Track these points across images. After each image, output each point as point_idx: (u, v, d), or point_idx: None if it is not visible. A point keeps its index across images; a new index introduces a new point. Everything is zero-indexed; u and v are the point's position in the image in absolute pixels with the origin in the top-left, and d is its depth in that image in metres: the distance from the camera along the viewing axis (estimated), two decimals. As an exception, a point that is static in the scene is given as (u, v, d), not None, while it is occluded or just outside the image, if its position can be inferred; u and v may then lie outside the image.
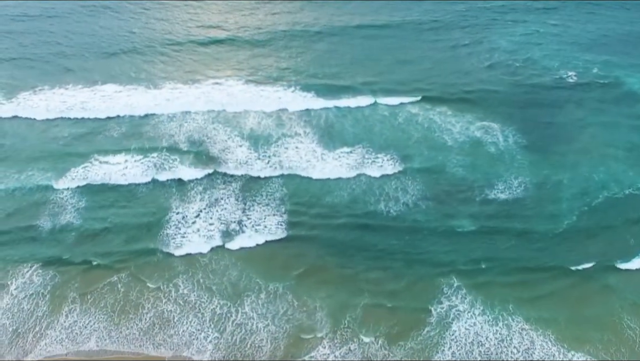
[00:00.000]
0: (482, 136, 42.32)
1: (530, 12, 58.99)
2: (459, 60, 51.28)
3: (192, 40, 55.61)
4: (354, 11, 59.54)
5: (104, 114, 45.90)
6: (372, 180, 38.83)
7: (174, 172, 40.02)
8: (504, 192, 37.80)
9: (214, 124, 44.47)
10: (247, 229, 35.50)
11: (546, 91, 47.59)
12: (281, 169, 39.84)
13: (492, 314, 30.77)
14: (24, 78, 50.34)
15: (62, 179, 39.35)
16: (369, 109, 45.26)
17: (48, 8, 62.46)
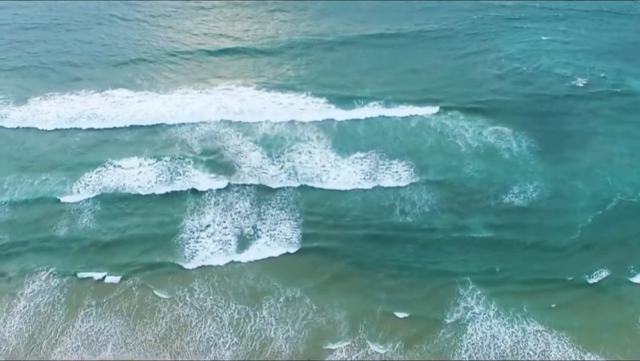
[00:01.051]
0: (496, 142, 43.08)
1: (539, 20, 60.03)
2: (470, 68, 52.13)
3: (202, 49, 56.36)
4: (365, 20, 60.41)
5: (115, 121, 46.44)
6: (385, 184, 39.50)
7: (188, 178, 40.56)
8: (518, 197, 38.41)
9: (226, 129, 45.18)
10: (263, 240, 35.86)
11: (557, 98, 48.40)
12: (295, 176, 40.38)
13: (507, 317, 31.29)
14: (34, 85, 51.06)
15: (76, 187, 39.82)
16: (381, 116, 45.91)
17: (57, 17, 63.33)
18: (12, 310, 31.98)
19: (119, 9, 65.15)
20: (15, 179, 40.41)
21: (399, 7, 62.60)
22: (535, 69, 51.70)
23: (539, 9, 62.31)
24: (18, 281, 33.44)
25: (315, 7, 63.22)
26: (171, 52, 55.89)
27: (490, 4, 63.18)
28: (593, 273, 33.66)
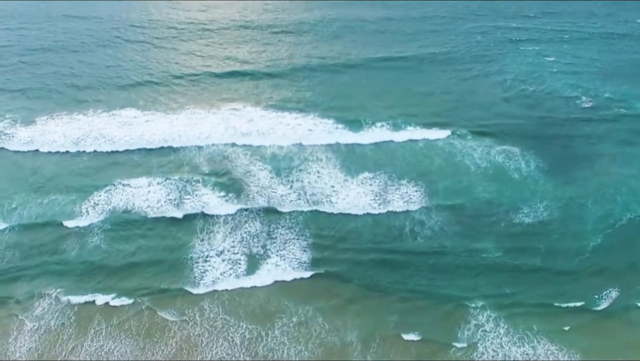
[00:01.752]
0: (504, 162, 43.85)
1: (544, 42, 61.03)
2: (477, 89, 53.36)
3: (208, 71, 57.26)
4: (371, 43, 61.71)
5: (122, 141, 47.04)
6: (396, 205, 39.97)
7: (197, 198, 41.07)
8: (528, 217, 39.01)
9: (234, 149, 45.88)
10: (273, 262, 36.13)
11: (563, 119, 49.43)
12: (305, 196, 40.94)
13: (517, 336, 31.71)
14: (41, 106, 51.93)
15: (85, 208, 40.21)
16: (389, 137, 46.67)
17: (62, 39, 64.39)
18: (23, 328, 32.19)
19: (124, 32, 66.41)
20: (23, 201, 40.82)
21: (405, 30, 64.04)
22: (541, 90, 52.84)
23: (543, 31, 63.46)
24: (28, 302, 33.68)
25: (321, 30, 64.59)
26: (177, 74, 56.85)
27: (495, 26, 64.61)
28: (603, 293, 34.05)
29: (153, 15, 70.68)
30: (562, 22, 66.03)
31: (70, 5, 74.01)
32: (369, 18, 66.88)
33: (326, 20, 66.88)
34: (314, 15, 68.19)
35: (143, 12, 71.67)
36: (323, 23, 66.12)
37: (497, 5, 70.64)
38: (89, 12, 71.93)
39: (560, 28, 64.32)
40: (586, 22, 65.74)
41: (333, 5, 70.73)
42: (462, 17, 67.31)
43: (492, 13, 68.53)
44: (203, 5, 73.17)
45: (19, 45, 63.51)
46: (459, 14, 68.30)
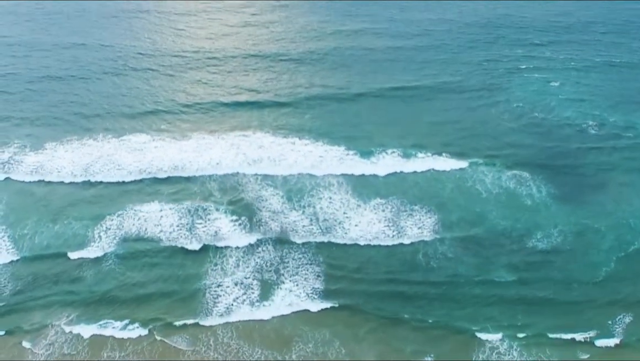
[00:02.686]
0: (516, 188, 44.96)
1: (551, 69, 63.10)
2: (485, 116, 54.74)
3: (217, 100, 58.36)
4: (380, 73, 63.10)
5: (132, 167, 47.80)
6: (409, 232, 40.75)
7: (209, 223, 41.92)
8: (542, 242, 40.06)
9: (245, 175, 46.89)
10: (286, 290, 36.72)
11: (571, 145, 50.78)
12: (317, 223, 41.80)
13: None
14: (50, 133, 52.99)
15: (97, 235, 41.03)
16: (400, 164, 47.71)
17: (69, 67, 65.67)
18: (36, 354, 32.65)
19: (131, 60, 67.82)
20: (33, 230, 41.65)
21: (414, 59, 65.76)
22: (549, 118, 54.29)
23: (550, 59, 65.33)
24: (38, 332, 34.22)
25: (331, 59, 66.26)
26: (185, 103, 58.01)
27: (503, 55, 66.54)
28: (617, 320, 34.81)
29: (160, 44, 72.28)
30: (569, 50, 68.06)
31: (77, 34, 75.49)
32: (378, 47, 68.73)
33: (335, 49, 68.58)
34: (323, 44, 69.95)
35: (149, 41, 73.22)
36: (332, 52, 67.78)
37: (504, 33, 72.62)
38: (95, 40, 73.49)
39: (568, 56, 66.26)
40: (593, 51, 67.68)
41: (342, 35, 72.69)
42: (470, 46, 69.23)
43: (499, 41, 70.60)
44: (210, 33, 74.89)
45: (27, 73, 64.84)
46: (467, 43, 70.24)
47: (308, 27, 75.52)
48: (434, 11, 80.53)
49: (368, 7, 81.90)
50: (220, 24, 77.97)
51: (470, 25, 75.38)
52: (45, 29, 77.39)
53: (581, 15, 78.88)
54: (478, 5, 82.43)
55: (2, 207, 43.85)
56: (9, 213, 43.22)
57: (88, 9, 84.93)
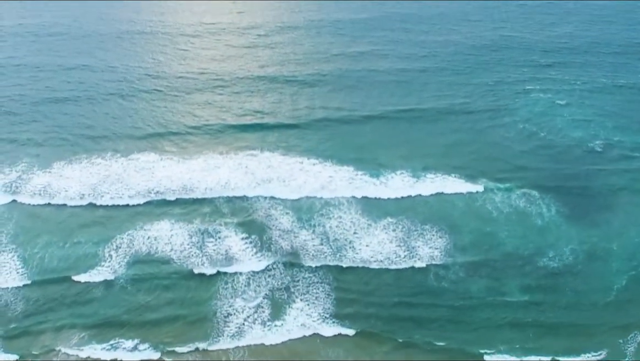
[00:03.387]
0: (526, 207, 45.93)
1: (557, 90, 64.45)
2: (494, 138, 55.86)
3: (225, 123, 59.26)
4: (391, 95, 64.21)
5: (140, 187, 48.73)
6: (421, 252, 41.56)
7: (219, 242, 42.77)
8: (553, 261, 40.94)
9: (254, 194, 47.74)
10: (298, 314, 37.25)
11: (578, 163, 52.02)
12: (328, 242, 42.63)
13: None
14: (57, 155, 53.67)
15: (105, 259, 41.63)
16: (409, 184, 48.66)
17: (75, 88, 66.74)
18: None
19: (137, 82, 68.93)
20: (44, 251, 42.32)
21: (421, 81, 67.09)
22: (555, 138, 55.50)
23: (557, 81, 66.79)
24: (52, 354, 34.77)
25: (337, 81, 67.56)
26: (192, 125, 58.99)
27: (510, 76, 68.08)
28: (628, 337, 35.47)
29: (165, 65, 73.64)
30: (574, 71, 69.69)
31: (81, 55, 76.92)
32: (385, 69, 70.19)
33: (342, 71, 70.02)
34: (329, 66, 71.41)
35: (154, 62, 74.60)
36: (339, 74, 69.16)
37: (509, 55, 74.24)
38: (100, 61, 74.88)
39: (573, 77, 67.79)
40: (598, 72, 69.26)
41: (349, 56, 74.22)
42: (476, 67, 70.76)
43: (505, 63, 72.19)
44: (216, 55, 76.31)
45: (33, 94, 65.95)
46: (473, 64, 71.82)
47: (314, 48, 77.13)
48: (439, 33, 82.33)
49: (374, 30, 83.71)
50: (226, 45, 79.56)
51: (476, 47, 77.07)
52: (50, 50, 78.89)
53: (585, 37, 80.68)
54: (482, 28, 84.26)
55: (10, 229, 44.61)
56: (17, 235, 43.95)
57: (92, 30, 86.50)
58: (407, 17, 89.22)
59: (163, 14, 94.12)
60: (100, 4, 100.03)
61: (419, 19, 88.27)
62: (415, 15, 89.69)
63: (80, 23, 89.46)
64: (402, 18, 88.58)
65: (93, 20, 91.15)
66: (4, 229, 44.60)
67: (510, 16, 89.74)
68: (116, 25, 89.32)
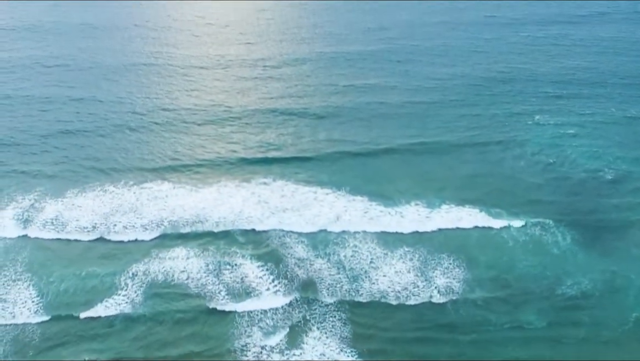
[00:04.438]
0: (541, 235, 47.40)
1: (569, 123, 66.12)
2: (507, 169, 57.27)
3: (237, 155, 60.48)
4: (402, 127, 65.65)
5: (152, 216, 50.16)
6: (438, 282, 42.79)
7: (234, 272, 44.11)
8: (571, 288, 42.21)
9: (268, 223, 49.06)
10: (315, 344, 38.25)
11: (590, 191, 53.67)
12: (344, 272, 43.90)
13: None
14: (67, 186, 54.93)
15: (123, 282, 43.12)
16: (424, 214, 50.07)
17: (86, 122, 68.25)
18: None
19: (146, 114, 70.18)
20: (58, 285, 43.34)
21: (430, 114, 68.98)
22: (568, 168, 57.08)
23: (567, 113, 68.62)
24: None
25: (348, 114, 69.21)
26: (203, 158, 60.09)
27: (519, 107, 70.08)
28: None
29: (174, 97, 75.30)
30: (586, 103, 71.47)
31: (89, 87, 78.66)
32: (395, 102, 71.96)
33: (353, 103, 71.82)
34: (340, 99, 73.23)
35: (163, 94, 76.20)
36: (350, 107, 70.93)
37: (520, 87, 76.17)
38: (108, 94, 76.53)
39: (584, 109, 69.47)
40: (609, 104, 71.11)
41: (359, 89, 76.11)
42: (486, 99, 72.69)
43: (515, 94, 74.09)
44: (227, 86, 78.13)
45: (42, 126, 67.47)
46: (483, 96, 73.77)
47: (323, 81, 79.16)
48: (446, 65, 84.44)
49: (381, 62, 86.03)
50: (235, 77, 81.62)
51: (484, 78, 79.14)
52: (58, 81, 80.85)
53: (594, 68, 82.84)
54: (489, 59, 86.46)
55: (24, 260, 45.76)
56: (31, 267, 45.08)
57: (99, 61, 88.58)
58: (414, 49, 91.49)
59: (168, 45, 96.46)
60: (105, 34, 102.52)
61: (425, 51, 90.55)
62: (422, 47, 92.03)
63: (87, 54, 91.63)
64: (409, 50, 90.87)
65: (99, 51, 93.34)
66: (18, 261, 45.79)
67: (517, 48, 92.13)
68: (123, 56, 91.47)
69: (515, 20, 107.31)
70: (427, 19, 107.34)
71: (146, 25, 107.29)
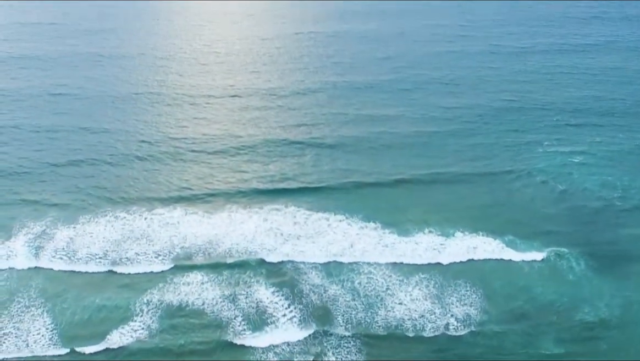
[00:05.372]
0: (556, 262, 48.57)
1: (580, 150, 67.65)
2: (520, 197, 58.52)
3: (249, 186, 61.33)
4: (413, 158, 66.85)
5: (163, 242, 51.16)
6: (455, 310, 43.56)
7: (251, 295, 45.12)
8: (588, 314, 43.10)
9: (282, 250, 50.04)
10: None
11: (601, 216, 55.20)
12: (359, 298, 44.78)
13: None
14: (79, 212, 56.13)
15: (135, 316, 43.65)
16: (438, 241, 51.11)
17: (94, 152, 69.19)
18: None
19: (155, 145, 70.75)
20: (72, 317, 43.87)
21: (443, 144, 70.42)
22: (579, 194, 58.49)
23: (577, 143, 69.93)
24: None
25: (360, 144, 70.38)
26: (216, 187, 61.11)
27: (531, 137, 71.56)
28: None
29: (185, 127, 76.31)
30: (597, 130, 73.04)
31: (96, 118, 79.65)
32: (406, 132, 73.13)
33: (363, 133, 73.12)
34: (351, 130, 74.41)
35: (172, 124, 77.14)
36: (360, 137, 72.18)
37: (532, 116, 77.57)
38: (117, 123, 77.53)
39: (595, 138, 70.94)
40: (621, 133, 72.66)
41: (368, 119, 77.41)
42: (498, 129, 74.06)
43: (524, 122, 75.60)
44: (237, 116, 79.35)
45: (52, 156, 68.13)
46: (492, 125, 75.20)
47: (334, 111, 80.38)
48: (457, 95, 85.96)
49: (390, 92, 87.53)
50: (244, 107, 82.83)
51: (494, 108, 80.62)
52: (66, 111, 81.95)
53: (606, 98, 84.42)
54: (499, 88, 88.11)
55: (37, 291, 46.24)
56: (44, 299, 45.55)
57: (106, 91, 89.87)
58: (421, 78, 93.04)
59: (175, 74, 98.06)
60: (112, 63, 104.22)
61: (433, 80, 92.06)
62: (429, 77, 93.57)
63: (94, 83, 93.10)
64: (416, 80, 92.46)
65: (107, 79, 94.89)
66: (31, 289, 46.37)
67: (524, 77, 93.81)
68: (130, 85, 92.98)
69: (521, 49, 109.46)
70: (433, 49, 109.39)
71: (152, 54, 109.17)
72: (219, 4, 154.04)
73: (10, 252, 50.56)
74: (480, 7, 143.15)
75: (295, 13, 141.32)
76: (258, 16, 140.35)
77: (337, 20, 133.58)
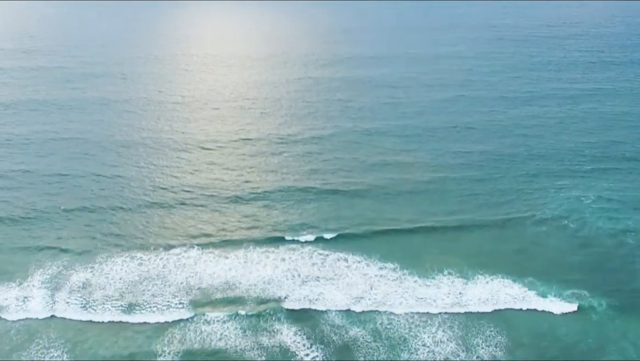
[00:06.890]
0: (578, 303, 49.85)
1: (592, 191, 70.03)
2: (528, 236, 60.96)
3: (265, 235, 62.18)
4: (429, 204, 68.54)
5: (180, 284, 52.81)
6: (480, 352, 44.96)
7: (271, 340, 46.48)
8: (614, 354, 44.29)
9: (301, 292, 51.48)
10: None
11: (616, 256, 57.07)
12: (381, 340, 46.06)
13: None
14: (93, 257, 57.84)
15: (159, 350, 45.44)
16: (459, 285, 52.65)
17: (109, 198, 70.98)
18: None
19: (167, 193, 71.88)
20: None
21: (457, 190, 72.22)
22: (595, 235, 60.44)
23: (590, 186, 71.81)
24: None
25: (376, 192, 71.95)
26: (231, 236, 62.21)
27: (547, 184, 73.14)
28: None
29: (196, 175, 77.73)
30: (614, 175, 74.98)
31: (103, 164, 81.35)
32: (422, 179, 74.74)
33: (381, 181, 74.63)
34: (367, 177, 76.17)
35: (186, 172, 78.56)
36: (377, 185, 73.56)
37: (544, 162, 79.64)
38: (125, 170, 79.08)
39: (611, 182, 73.01)
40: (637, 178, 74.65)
41: (384, 166, 79.35)
42: (511, 175, 76.00)
43: (539, 169, 77.53)
44: (250, 164, 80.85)
45: (63, 202, 69.74)
46: (506, 171, 77.18)
47: (347, 156, 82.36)
48: (471, 141, 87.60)
49: (404, 137, 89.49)
50: (258, 155, 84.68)
51: (508, 154, 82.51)
52: (75, 156, 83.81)
53: (619, 142, 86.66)
54: (512, 134, 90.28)
55: (54, 340, 47.49)
56: (62, 346, 46.82)
57: (111, 136, 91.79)
58: (434, 124, 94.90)
59: (184, 120, 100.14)
60: (119, 108, 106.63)
61: (446, 126, 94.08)
62: (442, 123, 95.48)
63: (102, 128, 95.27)
64: (429, 126, 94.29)
65: (112, 125, 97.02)
66: (48, 337, 47.64)
67: (537, 122, 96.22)
68: (136, 132, 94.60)
69: (530, 94, 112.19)
70: (443, 95, 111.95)
71: (159, 100, 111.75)
72: (228, 48, 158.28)
73: (26, 297, 51.85)
74: (488, 54, 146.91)
75: (304, 58, 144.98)
76: (265, 61, 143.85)
77: (345, 65, 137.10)
